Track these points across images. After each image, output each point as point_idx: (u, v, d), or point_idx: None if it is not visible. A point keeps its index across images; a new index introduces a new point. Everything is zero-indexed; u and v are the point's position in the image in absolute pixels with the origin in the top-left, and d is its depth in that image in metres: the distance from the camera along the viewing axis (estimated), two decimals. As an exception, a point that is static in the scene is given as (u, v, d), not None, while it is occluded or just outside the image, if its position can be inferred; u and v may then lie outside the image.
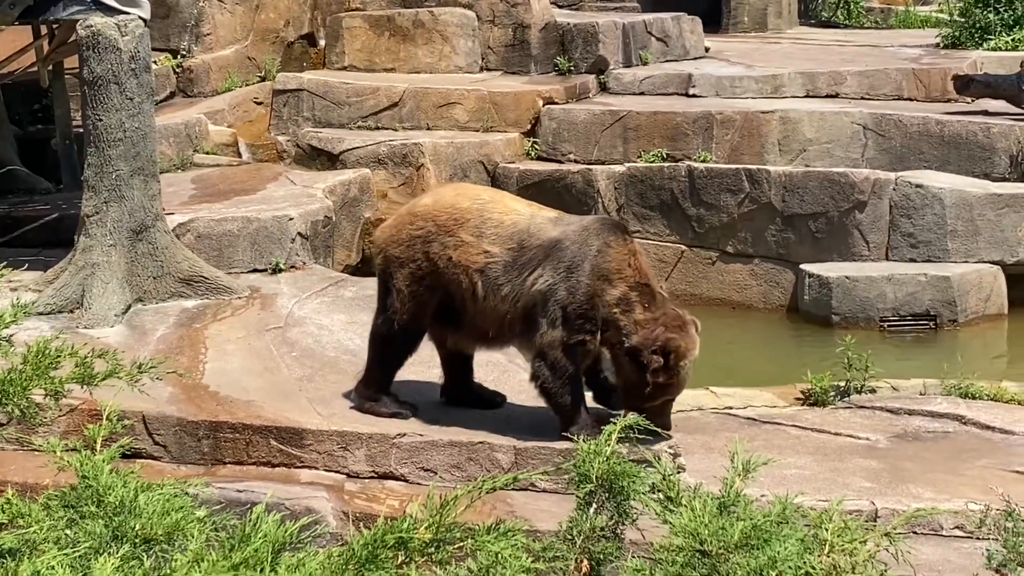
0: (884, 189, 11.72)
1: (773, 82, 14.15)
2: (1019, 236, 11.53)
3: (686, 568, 2.65)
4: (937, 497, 6.71)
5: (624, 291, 6.49)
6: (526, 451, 6.88)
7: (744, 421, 8.23)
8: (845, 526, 2.79)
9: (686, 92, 14.10)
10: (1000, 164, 12.42)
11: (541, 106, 13.30)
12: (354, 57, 14.38)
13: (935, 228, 11.54)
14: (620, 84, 14.18)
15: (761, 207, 12.04)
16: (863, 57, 15.42)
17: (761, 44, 17.00)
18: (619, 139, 13.00)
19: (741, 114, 12.94)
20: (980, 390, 8.55)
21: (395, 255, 6.88)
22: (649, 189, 12.36)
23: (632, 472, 3.20)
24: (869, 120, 12.80)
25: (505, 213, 6.75)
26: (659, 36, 15.11)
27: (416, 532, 2.61)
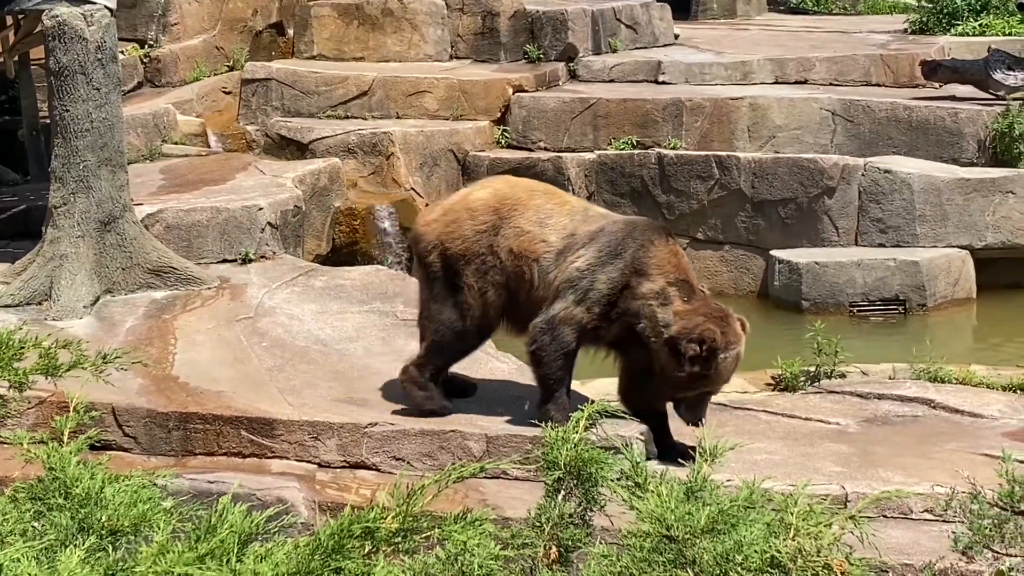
0: (853, 175, 11.76)
1: (742, 69, 14.18)
2: (987, 221, 11.60)
3: (653, 553, 2.65)
4: (907, 481, 6.74)
5: (663, 285, 6.45)
6: (497, 439, 6.89)
7: (715, 407, 8.20)
8: (810, 510, 2.80)
9: (656, 79, 14.11)
10: (968, 149, 12.49)
11: (511, 94, 13.28)
12: (323, 46, 14.33)
13: (904, 213, 11.59)
14: (590, 71, 14.18)
15: (731, 193, 12.07)
16: (832, 43, 15.47)
17: (730, 31, 17.02)
18: (589, 126, 13.00)
19: (711, 101, 12.96)
20: (949, 374, 8.61)
21: (459, 251, 6.76)
22: (619, 176, 12.37)
23: (600, 459, 3.21)
24: (838, 106, 12.84)
25: (561, 204, 6.78)
26: (628, 23, 15.11)
27: (383, 522, 2.61)
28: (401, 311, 8.64)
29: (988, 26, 15.69)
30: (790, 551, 2.58)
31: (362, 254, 11.75)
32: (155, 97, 13.19)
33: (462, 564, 2.69)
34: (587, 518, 3.24)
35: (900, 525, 6.44)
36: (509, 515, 5.82)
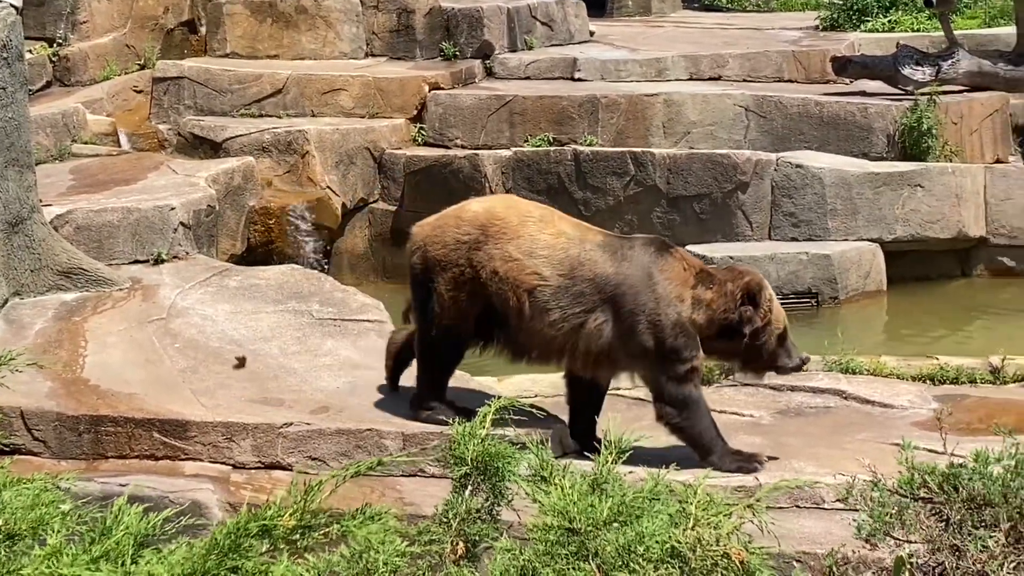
0: (766, 170, 11.89)
1: (657, 65, 14.26)
2: (896, 214, 11.77)
3: (556, 546, 2.66)
4: (819, 471, 6.82)
5: (691, 294, 6.56)
6: (414, 437, 6.88)
7: (632, 401, 8.28)
8: (710, 500, 2.82)
9: (571, 76, 14.15)
10: (878, 143, 12.66)
11: (427, 92, 13.26)
12: (236, 44, 14.21)
13: (815, 207, 11.74)
14: (506, 69, 14.19)
15: (647, 189, 12.14)
16: (745, 40, 15.61)
17: (645, 28, 17.12)
18: (505, 124, 13.02)
19: (626, 98, 13.02)
20: (860, 365, 8.72)
21: (436, 256, 6.74)
22: (536, 173, 12.40)
23: (507, 453, 3.21)
24: (751, 102, 12.96)
25: (556, 236, 6.68)
26: (544, 20, 15.14)
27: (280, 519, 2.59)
28: (317, 310, 8.60)
29: (897, 22, 15.93)
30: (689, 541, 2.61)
31: (277, 253, 11.68)
32: (64, 96, 12.99)
33: (367, 561, 2.68)
34: (495, 513, 3.24)
35: (813, 515, 6.52)
36: (426, 512, 5.80)
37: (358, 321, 8.51)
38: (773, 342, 6.64)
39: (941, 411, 6.76)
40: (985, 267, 12.26)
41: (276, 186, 12.21)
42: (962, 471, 3.64)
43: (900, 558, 3.40)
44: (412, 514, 6.02)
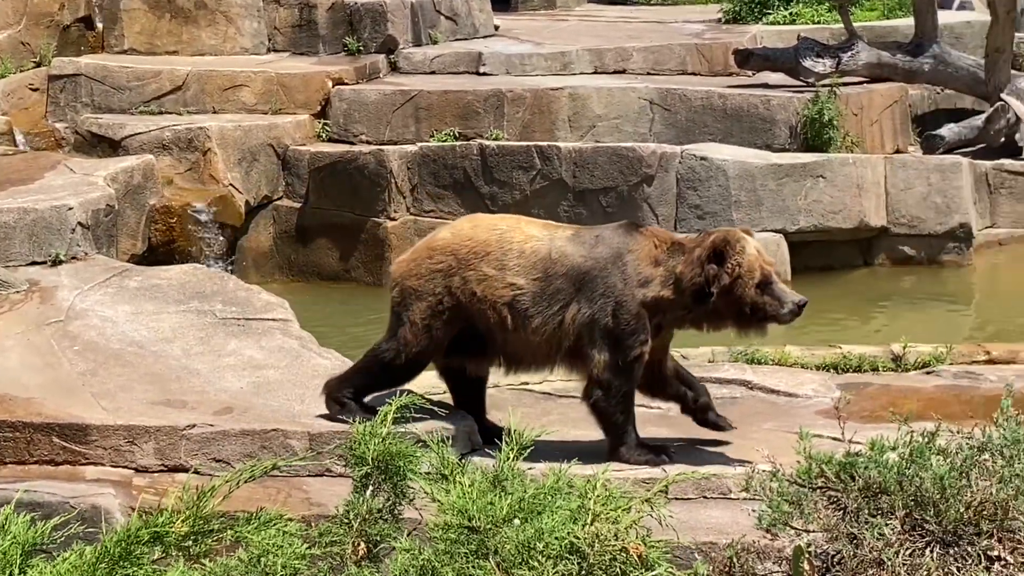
0: (671, 163, 11.96)
1: (562, 59, 14.30)
2: (799, 205, 11.90)
3: (455, 545, 2.63)
4: (725, 461, 6.86)
5: (661, 271, 6.47)
6: (320, 436, 6.81)
7: (540, 396, 8.29)
8: (609, 495, 2.81)
9: (477, 71, 14.15)
10: (780, 135, 12.80)
11: (331, 87, 13.16)
12: (134, 40, 13.98)
13: (720, 199, 11.83)
14: (410, 64, 14.14)
15: (553, 183, 12.16)
16: (648, 33, 15.70)
17: (550, 21, 17.16)
18: (411, 119, 12.96)
19: (531, 91, 13.04)
20: (765, 355, 8.78)
21: (413, 287, 6.71)
22: (442, 168, 12.35)
23: (408, 452, 3.17)
24: (655, 95, 13.03)
25: (525, 241, 6.61)
26: (448, 15, 15.11)
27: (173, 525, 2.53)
28: (220, 310, 8.49)
29: (798, 15, 16.10)
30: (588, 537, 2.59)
31: (180, 253, 11.51)
32: (-43, 96, 12.71)
33: (265, 565, 2.63)
34: (396, 512, 3.21)
35: (719, 505, 6.55)
36: (332, 512, 5.74)
37: (262, 320, 8.41)
38: (751, 293, 6.39)
39: (840, 400, 6.80)
40: (886, 256, 12.43)
41: (177, 184, 12.04)
42: (858, 460, 3.67)
43: (799, 548, 3.42)
44: (318, 514, 5.96)
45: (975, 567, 3.46)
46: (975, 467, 3.67)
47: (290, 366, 7.60)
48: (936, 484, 3.52)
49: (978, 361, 8.59)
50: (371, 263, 12.30)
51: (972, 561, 3.47)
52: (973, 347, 8.83)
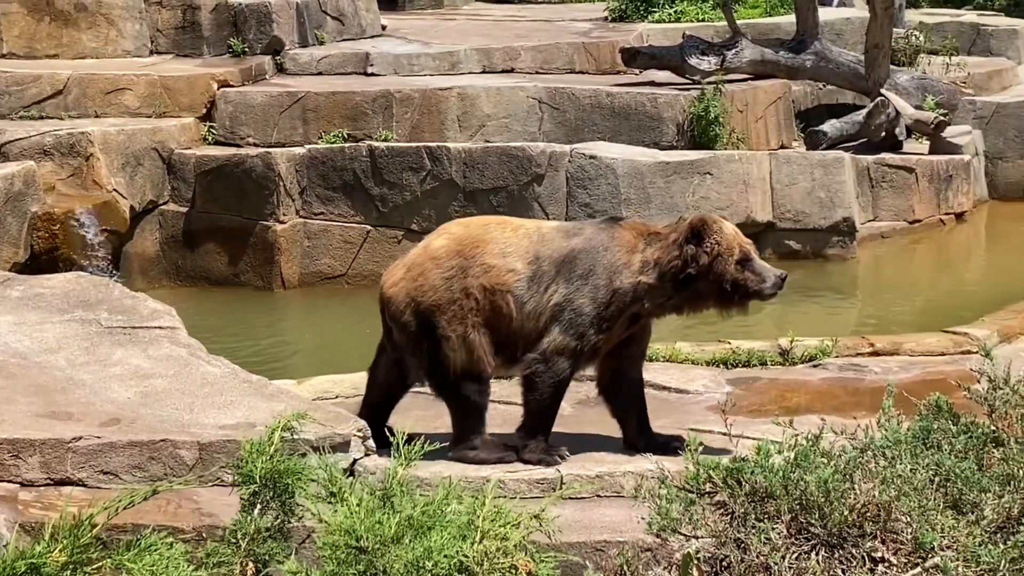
0: (560, 161, 12.00)
1: (450, 59, 14.29)
2: (688, 202, 12.01)
3: (343, 565, 2.61)
4: (618, 460, 6.89)
5: (639, 259, 6.50)
6: (211, 446, 6.70)
7: (432, 399, 8.27)
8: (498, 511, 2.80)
9: (365, 71, 14.09)
10: (668, 133, 12.93)
11: (216, 89, 13.00)
12: (13, 44, 13.67)
13: (610, 197, 11.89)
14: (297, 64, 14.02)
15: (443, 184, 12.13)
16: (536, 32, 15.76)
17: (438, 20, 17.14)
18: (299, 121, 12.85)
19: (420, 92, 13.00)
20: (656, 352, 8.85)
21: (432, 303, 6.57)
22: (331, 171, 12.26)
23: (296, 469, 3.13)
24: (544, 94, 13.08)
25: (517, 228, 6.69)
26: (334, 15, 15.01)
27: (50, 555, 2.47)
28: (105, 318, 8.32)
29: (683, 13, 16.28)
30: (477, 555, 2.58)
31: (63, 260, 11.26)
32: None
33: (151, 590, 2.58)
34: (285, 531, 3.17)
35: (614, 503, 6.58)
36: (225, 523, 5.66)
37: (149, 328, 8.26)
38: (732, 270, 6.41)
39: (726, 403, 6.89)
40: (773, 251, 12.60)
41: (60, 190, 11.78)
42: (745, 465, 3.71)
43: (688, 555, 3.45)
44: (210, 525, 5.89)
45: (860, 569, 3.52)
46: (858, 469, 3.74)
47: (178, 375, 7.47)
48: (820, 487, 3.57)
49: (863, 353, 8.76)
50: (260, 267, 12.17)
51: (857, 563, 3.53)
52: (858, 340, 9.00)
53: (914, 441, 3.92)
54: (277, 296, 12.09)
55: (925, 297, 12.23)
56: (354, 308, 11.68)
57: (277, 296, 12.09)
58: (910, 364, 8.61)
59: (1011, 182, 15.10)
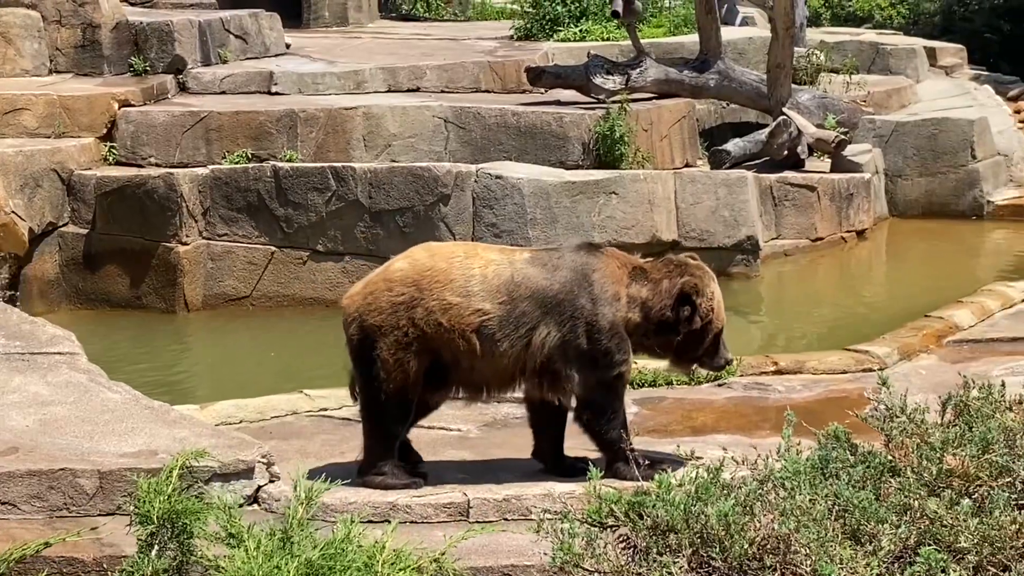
0: (466, 181, 11.98)
1: (355, 78, 14.24)
2: (593, 221, 12.06)
3: (241, 614, 2.56)
4: (525, 483, 6.89)
5: (627, 292, 6.59)
6: (111, 475, 6.58)
7: (339, 422, 8.21)
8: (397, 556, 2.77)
9: (269, 90, 13.99)
10: (574, 152, 12.98)
11: (117, 109, 12.81)
12: (-95, 63, 13.39)
13: (516, 217, 11.90)
14: (200, 84, 13.88)
15: (349, 204, 12.05)
16: (442, 51, 15.76)
17: (342, 39, 17.06)
18: (202, 140, 12.71)
19: (325, 111, 12.92)
20: (568, 373, 8.87)
21: (375, 323, 6.55)
22: (235, 191, 12.13)
23: (195, 509, 3.08)
24: (450, 113, 13.07)
25: (486, 266, 6.59)
26: (238, 33, 14.88)
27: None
28: (3, 344, 8.15)
29: (588, 32, 16.37)
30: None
31: (-42, 285, 11.05)
32: None
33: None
34: (184, 572, 3.11)
35: (522, 526, 6.57)
36: (127, 552, 5.56)
37: (48, 354, 8.11)
38: (710, 340, 6.65)
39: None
40: (678, 269, 12.67)
41: (-45, 214, 11.55)
42: (646, 498, 3.72)
43: (590, 591, 3.45)
44: (112, 556, 5.78)
45: (760, 602, 3.54)
46: (758, 501, 3.76)
47: (78, 402, 7.34)
48: (721, 520, 3.59)
49: (767, 372, 8.86)
50: (163, 289, 11.99)
51: (758, 596, 3.56)
52: (762, 358, 9.09)
53: (813, 471, 3.95)
54: (180, 319, 11.93)
55: (828, 314, 12.39)
56: (259, 331, 11.57)
57: (180, 319, 11.93)
58: (813, 382, 8.72)
59: (910, 199, 15.38)
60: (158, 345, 11.33)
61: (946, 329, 9.94)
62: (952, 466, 3.90)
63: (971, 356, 9.40)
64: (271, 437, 7.80)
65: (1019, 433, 4.07)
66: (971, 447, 3.95)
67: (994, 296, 10.83)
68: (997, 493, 3.81)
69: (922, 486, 3.86)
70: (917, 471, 3.94)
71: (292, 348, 11.16)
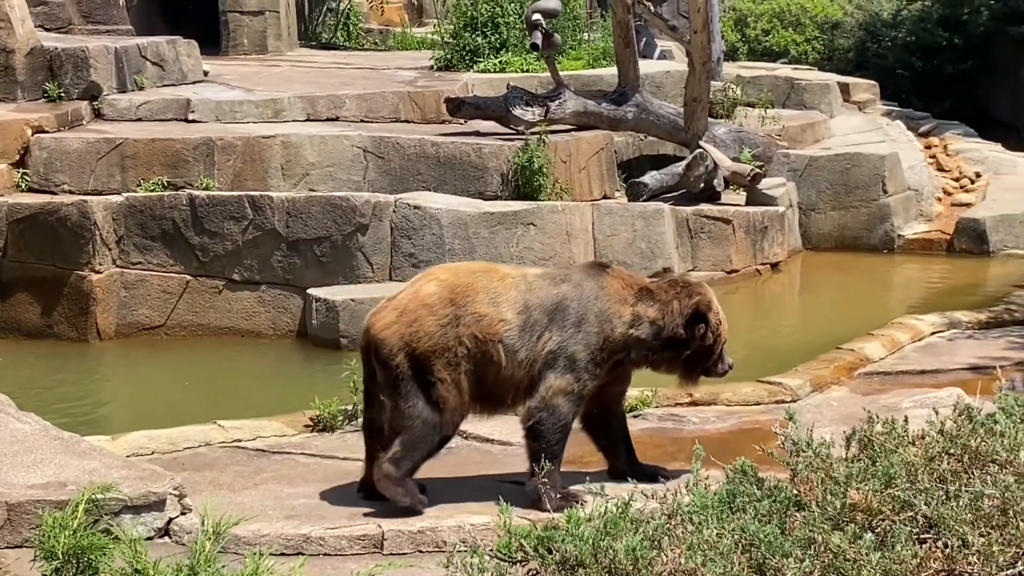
0: (384, 211, 11.97)
1: (274, 106, 14.18)
2: (512, 252, 12.09)
3: (143, 654, 2.54)
4: (440, 514, 6.89)
5: (631, 311, 6.91)
6: (19, 507, 6.47)
7: (253, 453, 8.17)
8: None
9: (185, 118, 13.87)
10: (493, 183, 13.02)
11: (30, 135, 12.64)
12: None
13: (434, 248, 11.91)
14: (116, 110, 13.74)
15: (266, 233, 11.98)
16: (362, 80, 15.75)
17: (261, 67, 16.99)
18: (116, 168, 12.58)
19: (242, 139, 12.85)
20: (482, 404, 8.89)
21: (427, 348, 6.73)
22: (150, 219, 12.00)
23: (100, 544, 3.04)
24: (369, 143, 13.06)
25: (503, 278, 6.91)
26: (155, 60, 14.76)
27: None
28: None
29: (508, 63, 16.43)
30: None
31: None
32: None
33: None
34: (89, 609, 3.07)
35: (435, 558, 6.56)
36: (32, 587, 5.48)
37: (-44, 387, 7.98)
38: (718, 353, 7.06)
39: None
40: (594, 301, 12.73)
41: None
42: (555, 533, 3.74)
43: (498, 628, 3.45)
44: (15, 592, 5.69)
45: (666, 636, 3.57)
46: (666, 535, 3.80)
47: (-22, 436, 7.21)
48: (629, 555, 3.62)
49: (681, 403, 8.95)
50: (75, 318, 11.82)
51: (663, 630, 3.58)
52: (677, 390, 9.15)
53: (720, 505, 4.00)
54: (92, 348, 11.76)
55: (742, 346, 12.45)
56: (172, 360, 11.45)
57: (92, 348, 11.76)
58: (727, 414, 8.83)
59: (823, 233, 15.60)
60: (69, 375, 11.17)
61: (857, 361, 10.11)
62: (856, 500, 3.98)
63: (881, 388, 9.57)
64: (184, 468, 7.74)
65: (921, 468, 4.15)
66: (874, 481, 4.03)
67: (904, 329, 11.03)
68: (899, 527, 3.89)
69: (826, 520, 3.93)
70: (822, 505, 4.00)
71: (206, 378, 11.06)
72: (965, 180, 16.61)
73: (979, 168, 16.81)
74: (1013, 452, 4.19)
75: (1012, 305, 11.99)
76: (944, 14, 22.29)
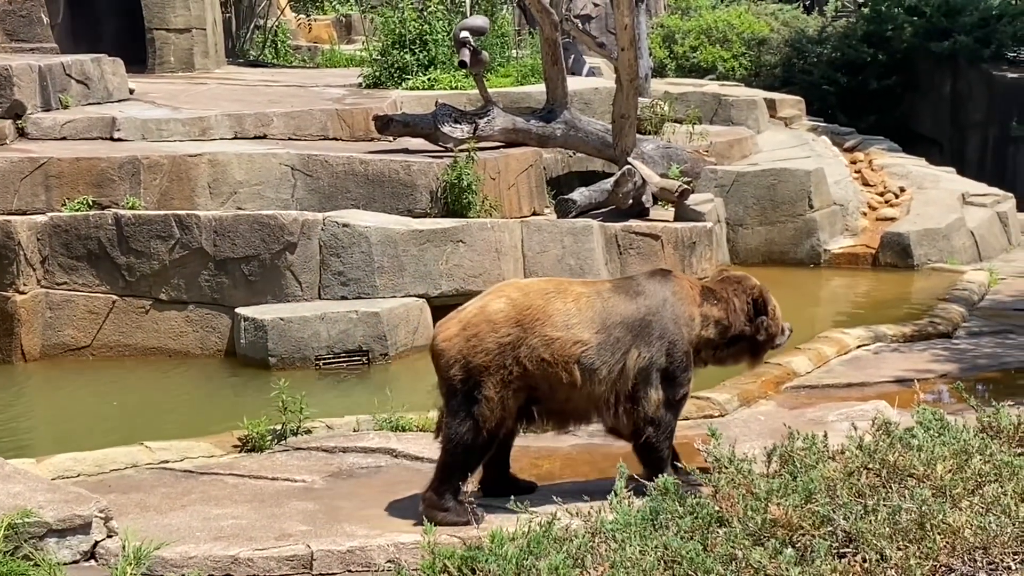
0: (313, 229, 11.93)
1: (201, 124, 14.09)
2: (441, 269, 12.10)
3: None
4: (370, 533, 6.89)
5: (700, 312, 7.20)
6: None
7: (180, 474, 8.12)
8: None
9: (111, 136, 13.77)
10: (422, 200, 13.02)
11: (-48, 155, 12.47)
12: None
13: (363, 266, 11.88)
14: (40, 129, 13.60)
15: (193, 252, 11.90)
16: (290, 98, 15.70)
17: (188, 85, 16.88)
18: (41, 187, 12.42)
19: (169, 158, 12.76)
20: (410, 422, 8.90)
21: (482, 364, 6.85)
22: (75, 239, 11.88)
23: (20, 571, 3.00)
24: (297, 161, 13.01)
25: (577, 299, 7.01)
26: (79, 78, 14.63)
27: None
28: None
29: (436, 80, 16.45)
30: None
31: None
32: None
33: None
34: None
35: (366, 578, 6.56)
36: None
37: None
38: (777, 331, 7.42)
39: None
40: (525, 317, 12.76)
41: None
42: (479, 553, 3.75)
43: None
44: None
45: (588, 655, 3.58)
46: (590, 553, 3.82)
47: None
48: (552, 574, 3.64)
49: (610, 420, 8.95)
50: (-1, 339, 11.67)
51: (585, 649, 3.59)
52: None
53: (643, 523, 4.03)
54: (17, 369, 11.61)
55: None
56: (99, 381, 11.32)
57: (17, 369, 11.61)
58: (655, 429, 8.84)
59: (750, 248, 15.77)
60: (-8, 396, 11.02)
61: (784, 375, 10.22)
62: (776, 516, 4.02)
63: (808, 402, 9.69)
64: (110, 491, 7.68)
65: (840, 483, 4.21)
66: (794, 497, 4.08)
67: (830, 343, 11.16)
68: (819, 542, 3.94)
69: (747, 536, 3.97)
70: (743, 521, 4.04)
71: (133, 399, 10.96)
72: (889, 195, 16.86)
73: (903, 183, 17.07)
74: (930, 466, 4.26)
75: (936, 318, 12.17)
76: (868, 31, 22.64)
